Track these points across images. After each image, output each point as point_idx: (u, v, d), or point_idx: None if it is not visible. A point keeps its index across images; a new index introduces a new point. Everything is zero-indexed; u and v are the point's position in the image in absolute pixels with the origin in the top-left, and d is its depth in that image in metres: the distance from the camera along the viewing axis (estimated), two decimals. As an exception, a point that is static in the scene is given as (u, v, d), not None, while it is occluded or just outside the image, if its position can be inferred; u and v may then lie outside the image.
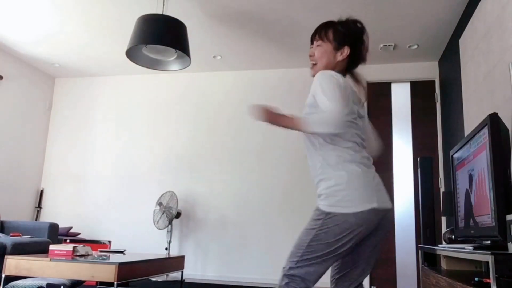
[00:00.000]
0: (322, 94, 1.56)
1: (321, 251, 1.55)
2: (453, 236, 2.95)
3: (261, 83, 5.16)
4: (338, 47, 1.74)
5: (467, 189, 2.37)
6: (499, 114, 1.96)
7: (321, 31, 1.78)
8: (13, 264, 2.82)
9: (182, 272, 4.02)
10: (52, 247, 3.04)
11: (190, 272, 4.83)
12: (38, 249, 3.95)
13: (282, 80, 5.09)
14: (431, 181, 3.07)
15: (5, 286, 2.94)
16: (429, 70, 4.76)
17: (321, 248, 1.55)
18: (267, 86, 5.12)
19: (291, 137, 4.90)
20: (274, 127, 4.87)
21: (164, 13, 3.64)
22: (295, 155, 4.87)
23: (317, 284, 1.58)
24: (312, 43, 1.80)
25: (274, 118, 1.61)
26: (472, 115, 3.29)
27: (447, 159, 4.31)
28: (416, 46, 4.40)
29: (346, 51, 1.73)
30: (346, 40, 1.74)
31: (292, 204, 4.77)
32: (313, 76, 1.72)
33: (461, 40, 3.64)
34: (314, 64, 1.77)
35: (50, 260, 2.76)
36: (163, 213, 4.56)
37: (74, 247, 3.03)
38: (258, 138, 5.00)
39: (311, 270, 1.55)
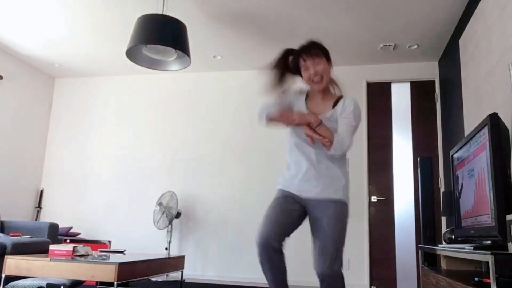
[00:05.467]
0: (351, 128, 1.86)
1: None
2: (453, 236, 2.95)
3: (261, 83, 5.15)
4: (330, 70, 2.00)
5: (467, 189, 2.37)
6: (499, 114, 1.96)
7: (324, 50, 1.96)
8: (13, 264, 2.82)
9: (182, 272, 4.02)
10: (52, 247, 3.04)
11: (190, 272, 4.83)
12: (38, 249, 3.95)
13: (282, 80, 5.08)
14: (431, 181, 3.07)
15: (5, 286, 2.93)
16: (429, 70, 4.76)
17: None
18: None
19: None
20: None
21: (164, 13, 3.64)
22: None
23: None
24: (312, 56, 1.93)
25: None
26: (472, 115, 3.29)
27: (447, 159, 4.31)
28: (416, 46, 4.40)
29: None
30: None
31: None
32: (321, 90, 1.94)
33: (461, 40, 3.64)
34: (320, 79, 1.94)
35: (50, 260, 2.76)
36: (163, 213, 4.56)
37: (74, 247, 3.03)
38: (259, 138, 5.00)
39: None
